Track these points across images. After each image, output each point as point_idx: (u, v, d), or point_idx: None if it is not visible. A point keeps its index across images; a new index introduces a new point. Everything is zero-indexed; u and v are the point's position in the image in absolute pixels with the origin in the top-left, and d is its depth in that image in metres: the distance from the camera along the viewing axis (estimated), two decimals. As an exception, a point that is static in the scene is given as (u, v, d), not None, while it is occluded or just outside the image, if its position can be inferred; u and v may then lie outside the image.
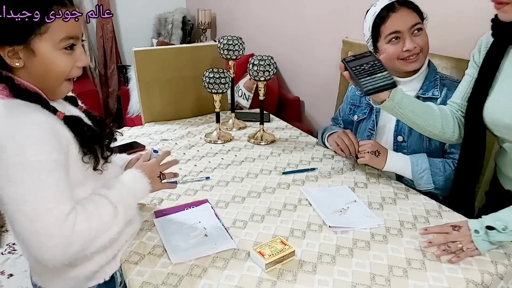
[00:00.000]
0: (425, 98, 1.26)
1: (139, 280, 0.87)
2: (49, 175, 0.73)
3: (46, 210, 0.71)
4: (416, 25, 1.21)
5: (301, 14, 2.51)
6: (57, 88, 0.82)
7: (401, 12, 1.21)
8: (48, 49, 0.76)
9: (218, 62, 1.76)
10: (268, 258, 0.89)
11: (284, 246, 0.92)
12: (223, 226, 1.05)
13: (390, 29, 1.22)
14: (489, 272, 0.89)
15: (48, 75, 0.79)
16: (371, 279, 0.87)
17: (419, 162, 1.23)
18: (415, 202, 1.17)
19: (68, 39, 0.78)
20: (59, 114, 0.80)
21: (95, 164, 0.83)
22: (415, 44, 1.22)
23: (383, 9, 1.23)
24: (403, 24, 1.21)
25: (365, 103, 1.41)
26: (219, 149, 1.53)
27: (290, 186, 1.26)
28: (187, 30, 3.67)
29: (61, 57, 0.78)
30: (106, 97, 3.68)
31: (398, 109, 1.08)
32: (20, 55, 0.76)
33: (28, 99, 0.77)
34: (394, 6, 1.22)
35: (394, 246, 0.97)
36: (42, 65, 0.77)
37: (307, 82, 2.58)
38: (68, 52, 0.79)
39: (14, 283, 1.96)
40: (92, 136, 0.82)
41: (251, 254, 0.92)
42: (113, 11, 3.64)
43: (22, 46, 0.75)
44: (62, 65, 0.79)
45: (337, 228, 1.04)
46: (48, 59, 0.77)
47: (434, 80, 1.28)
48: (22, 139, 0.71)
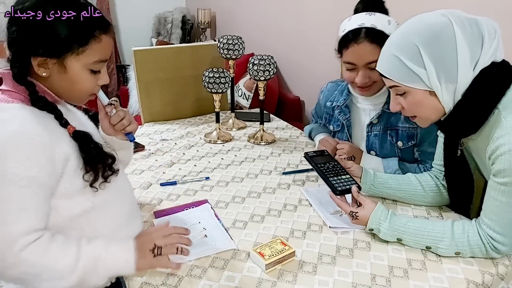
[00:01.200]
0: (390, 113, 1.26)
1: (139, 280, 0.86)
2: (18, 191, 0.72)
3: (1, 223, 0.71)
4: (373, 62, 1.16)
5: (302, 14, 2.50)
6: (79, 100, 0.86)
7: (362, 46, 1.18)
8: (79, 67, 0.79)
9: (218, 61, 1.76)
10: (268, 259, 0.88)
11: (284, 247, 0.92)
12: (223, 226, 1.04)
13: (347, 58, 1.23)
14: (489, 272, 0.89)
15: (71, 90, 0.82)
16: (372, 280, 0.87)
17: (390, 165, 1.27)
18: (416, 202, 1.17)
19: (100, 62, 0.81)
20: (69, 128, 0.80)
21: (93, 181, 0.81)
22: (366, 80, 1.22)
23: (349, 33, 1.20)
24: (359, 59, 1.20)
25: (336, 116, 1.43)
26: (219, 149, 1.53)
27: (290, 186, 1.26)
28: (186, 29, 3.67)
29: (88, 76, 0.81)
30: (105, 96, 3.68)
31: (374, 190, 1.13)
32: (50, 66, 0.77)
33: (43, 108, 0.78)
34: (358, 35, 1.18)
35: (394, 246, 0.97)
36: (69, 81, 0.80)
37: (307, 82, 2.58)
38: (95, 72, 0.82)
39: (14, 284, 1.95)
40: (96, 156, 0.82)
41: (251, 255, 0.92)
42: (113, 10, 3.64)
43: (55, 59, 0.77)
44: (87, 84, 0.82)
45: (337, 228, 1.03)
46: (77, 77, 0.80)
47: None
48: (9, 149, 0.72)
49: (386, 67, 0.93)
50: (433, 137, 1.20)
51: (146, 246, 0.82)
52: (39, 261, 0.74)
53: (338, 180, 1.08)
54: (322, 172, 1.10)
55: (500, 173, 0.84)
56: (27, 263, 0.73)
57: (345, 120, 1.39)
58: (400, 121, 1.26)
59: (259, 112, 1.62)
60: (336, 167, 1.12)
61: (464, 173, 1.03)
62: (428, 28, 0.87)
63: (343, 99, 1.39)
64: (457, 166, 1.03)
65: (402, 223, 0.96)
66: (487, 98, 0.86)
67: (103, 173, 0.82)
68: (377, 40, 1.15)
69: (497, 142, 0.84)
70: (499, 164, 0.84)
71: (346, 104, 1.38)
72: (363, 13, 1.20)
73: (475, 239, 0.90)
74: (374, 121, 1.30)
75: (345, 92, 1.40)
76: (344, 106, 1.39)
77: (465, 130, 0.92)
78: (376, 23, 1.18)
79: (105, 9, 3.50)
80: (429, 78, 0.86)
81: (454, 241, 0.91)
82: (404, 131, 1.26)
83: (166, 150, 1.51)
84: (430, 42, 0.85)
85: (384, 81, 0.96)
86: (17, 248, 0.71)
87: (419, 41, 0.86)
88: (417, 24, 0.89)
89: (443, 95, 0.88)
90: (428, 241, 0.93)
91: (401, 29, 0.92)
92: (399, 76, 0.90)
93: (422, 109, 0.93)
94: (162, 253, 0.82)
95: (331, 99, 1.45)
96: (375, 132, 1.31)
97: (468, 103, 0.87)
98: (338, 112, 1.41)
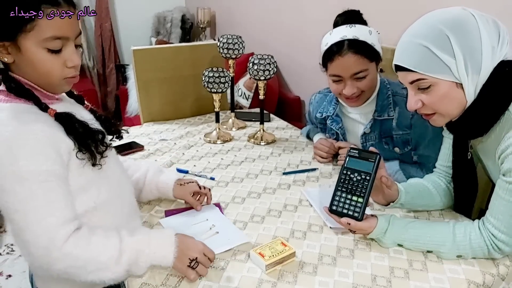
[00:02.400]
0: (381, 120, 1.27)
1: (138, 281, 0.86)
2: (39, 186, 0.73)
3: (35, 221, 0.72)
4: (359, 73, 1.19)
5: (302, 13, 2.50)
6: (55, 86, 0.82)
7: (346, 58, 1.18)
8: (33, 47, 0.75)
9: (217, 61, 1.75)
10: (268, 259, 0.88)
11: (285, 247, 0.91)
12: None
13: (332, 71, 1.23)
14: (490, 273, 0.89)
15: (37, 73, 0.78)
16: (372, 280, 0.86)
17: (391, 166, 1.27)
18: (416, 202, 1.16)
19: (54, 39, 0.76)
20: (50, 111, 0.79)
21: (93, 160, 0.81)
22: (353, 90, 1.22)
23: (332, 46, 1.20)
24: (345, 71, 1.20)
25: (329, 126, 1.44)
26: (218, 149, 1.52)
27: (291, 186, 1.25)
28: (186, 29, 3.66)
29: (47, 56, 0.77)
30: (104, 96, 3.67)
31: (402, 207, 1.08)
32: (9, 50, 0.76)
33: (19, 94, 0.77)
34: (342, 47, 1.18)
35: (395, 247, 0.97)
36: (31, 64, 0.77)
37: (307, 82, 2.58)
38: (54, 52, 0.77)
39: (13, 284, 1.95)
40: (84, 132, 0.81)
41: (251, 255, 0.91)
42: (112, 9, 3.63)
43: (9, 42, 0.75)
44: (48, 65, 0.77)
45: (338, 228, 1.03)
46: (33, 58, 0.76)
47: (387, 98, 1.28)
48: (17, 149, 0.72)
49: (411, 59, 0.87)
50: (428, 140, 1.21)
51: (188, 253, 0.85)
52: (82, 254, 0.76)
53: (343, 199, 0.95)
54: (339, 179, 0.97)
55: (509, 172, 0.84)
56: (71, 256, 0.75)
57: (338, 129, 1.40)
58: (392, 128, 1.26)
59: (259, 112, 1.61)
60: (363, 183, 0.94)
61: (471, 175, 1.02)
62: (453, 17, 0.85)
63: (332, 108, 1.41)
64: (466, 168, 1.02)
65: (402, 228, 0.95)
66: (501, 96, 0.85)
67: (97, 149, 0.82)
68: (360, 50, 1.17)
69: (507, 141, 0.84)
70: (508, 163, 0.83)
71: (336, 113, 1.39)
72: (343, 26, 1.21)
73: (477, 242, 0.89)
74: (367, 131, 1.30)
75: (333, 101, 1.41)
76: (335, 116, 1.40)
77: (476, 131, 0.91)
78: (357, 34, 1.18)
79: (105, 9, 3.49)
80: (457, 68, 0.84)
81: (456, 245, 0.90)
82: (398, 137, 1.26)
83: (166, 150, 1.51)
84: (458, 31, 0.83)
85: (403, 77, 0.91)
86: (59, 241, 0.73)
87: (448, 29, 0.83)
88: (441, 14, 0.87)
89: (468, 87, 0.86)
90: (429, 246, 0.93)
91: (424, 20, 0.88)
92: (427, 67, 0.86)
93: (446, 104, 0.89)
94: (196, 269, 0.85)
95: (321, 111, 1.46)
96: (371, 142, 1.32)
97: (483, 101, 0.86)
98: (330, 122, 1.42)
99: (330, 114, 1.41)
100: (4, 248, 2.18)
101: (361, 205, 0.93)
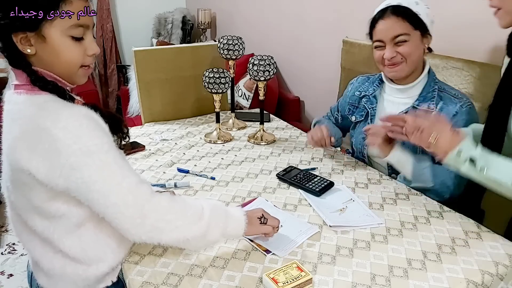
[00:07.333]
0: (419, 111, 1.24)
1: (139, 280, 0.86)
2: (107, 156, 0.76)
3: (116, 183, 0.76)
4: (400, 36, 1.20)
5: (301, 14, 2.51)
6: (73, 75, 0.83)
7: (388, 21, 1.21)
8: (58, 35, 0.77)
9: (218, 62, 1.76)
10: (282, 286, 0.80)
11: (301, 272, 0.83)
12: None
13: (375, 36, 1.26)
14: (489, 272, 0.89)
15: (59, 62, 0.79)
16: (371, 279, 0.87)
17: (421, 159, 1.22)
18: (416, 202, 1.17)
19: (78, 26, 0.78)
20: (77, 102, 0.81)
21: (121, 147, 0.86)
22: (393, 54, 1.22)
23: (377, 13, 1.25)
24: (386, 34, 1.22)
25: (362, 105, 1.42)
26: (219, 149, 1.53)
27: (290, 186, 1.26)
28: (187, 30, 3.67)
29: (71, 43, 0.79)
30: (105, 97, 3.68)
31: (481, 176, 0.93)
32: (32, 41, 0.76)
33: (43, 87, 0.78)
34: (385, 12, 1.22)
35: (394, 246, 0.97)
36: (54, 52, 0.78)
37: (307, 82, 2.58)
38: (77, 39, 0.79)
39: (14, 283, 1.96)
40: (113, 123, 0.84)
41: (264, 280, 0.84)
42: (113, 10, 3.64)
43: (34, 32, 0.75)
44: (71, 52, 0.79)
45: (337, 227, 1.04)
46: (58, 46, 0.77)
47: (432, 91, 1.26)
48: (74, 128, 0.74)
49: None
50: None
51: (254, 215, 0.93)
52: (171, 206, 0.81)
53: (312, 184, 1.22)
54: (297, 183, 1.23)
55: None
56: (161, 207, 0.80)
57: (370, 109, 1.38)
58: None
59: (259, 112, 1.62)
60: (306, 175, 1.27)
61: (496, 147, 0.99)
62: None
63: (373, 89, 1.40)
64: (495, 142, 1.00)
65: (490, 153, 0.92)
66: None
67: (122, 140, 0.87)
68: (401, 14, 1.20)
69: None
70: None
71: (375, 94, 1.38)
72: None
73: None
74: None
75: (376, 82, 1.40)
76: (373, 96, 1.39)
77: None
78: (402, 1, 1.21)
79: (106, 9, 3.50)
80: None
81: None
82: None
83: (167, 150, 1.51)
84: None
85: None
86: (146, 194, 0.78)
87: None
88: None
89: None
90: None
91: None
92: None
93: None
94: (268, 223, 0.93)
95: (360, 89, 1.44)
96: None
97: None
98: (366, 100, 1.40)
99: (368, 94, 1.40)
100: (5, 248, 2.19)
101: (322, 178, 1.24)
